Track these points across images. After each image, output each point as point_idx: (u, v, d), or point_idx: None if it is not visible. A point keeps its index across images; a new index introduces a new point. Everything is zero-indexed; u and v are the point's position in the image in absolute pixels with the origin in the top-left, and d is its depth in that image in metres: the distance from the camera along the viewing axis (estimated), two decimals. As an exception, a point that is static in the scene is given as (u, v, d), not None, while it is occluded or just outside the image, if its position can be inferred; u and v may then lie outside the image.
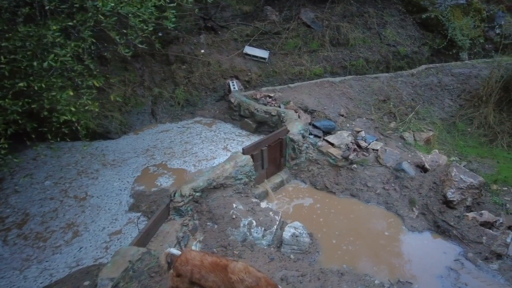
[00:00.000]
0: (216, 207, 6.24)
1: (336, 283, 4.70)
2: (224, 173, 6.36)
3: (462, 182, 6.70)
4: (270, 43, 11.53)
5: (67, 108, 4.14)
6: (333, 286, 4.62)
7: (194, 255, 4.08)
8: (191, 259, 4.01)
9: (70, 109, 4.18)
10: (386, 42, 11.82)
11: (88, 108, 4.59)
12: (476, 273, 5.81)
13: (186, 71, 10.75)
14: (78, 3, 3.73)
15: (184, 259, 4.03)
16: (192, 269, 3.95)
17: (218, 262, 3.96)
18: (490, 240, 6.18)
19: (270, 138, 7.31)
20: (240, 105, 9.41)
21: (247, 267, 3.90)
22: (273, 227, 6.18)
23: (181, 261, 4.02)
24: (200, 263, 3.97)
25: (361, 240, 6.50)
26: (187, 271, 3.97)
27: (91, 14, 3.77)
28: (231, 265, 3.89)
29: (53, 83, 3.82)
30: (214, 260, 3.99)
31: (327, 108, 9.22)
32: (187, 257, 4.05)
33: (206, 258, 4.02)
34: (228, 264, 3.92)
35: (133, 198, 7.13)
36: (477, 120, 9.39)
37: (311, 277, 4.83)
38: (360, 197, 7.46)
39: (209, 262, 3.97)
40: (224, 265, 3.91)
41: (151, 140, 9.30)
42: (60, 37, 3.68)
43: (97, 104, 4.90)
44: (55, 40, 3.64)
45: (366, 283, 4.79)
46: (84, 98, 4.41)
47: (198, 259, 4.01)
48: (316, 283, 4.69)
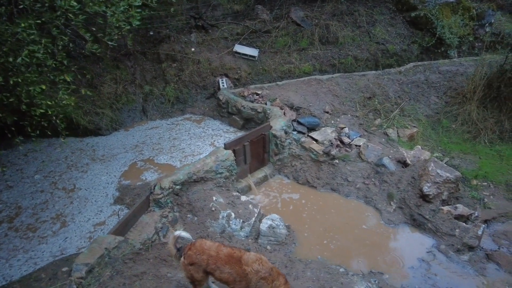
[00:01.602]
0: (196, 199, 6.43)
1: (301, 270, 4.89)
2: (204, 167, 6.55)
3: (439, 176, 6.84)
4: (260, 42, 11.71)
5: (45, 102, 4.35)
6: (298, 273, 4.80)
7: (209, 245, 4.09)
8: (207, 249, 4.02)
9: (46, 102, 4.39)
10: (375, 40, 11.96)
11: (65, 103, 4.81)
12: (447, 264, 5.96)
13: (176, 69, 10.96)
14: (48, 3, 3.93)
15: (200, 248, 4.03)
16: (208, 259, 3.96)
17: (233, 254, 3.98)
18: (463, 232, 6.32)
19: (252, 133, 7.49)
20: (228, 102, 9.61)
21: (260, 257, 3.96)
22: (252, 219, 6.37)
23: (196, 250, 4.02)
24: (216, 254, 3.98)
25: (339, 233, 6.67)
26: (202, 261, 3.97)
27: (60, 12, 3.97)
28: (244, 257, 3.93)
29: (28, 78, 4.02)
30: (229, 252, 4.00)
31: (313, 105, 9.38)
32: (204, 246, 4.05)
33: (221, 250, 4.03)
34: (242, 255, 3.96)
35: (119, 192, 7.35)
36: (461, 116, 9.51)
37: (279, 265, 5.01)
38: (340, 191, 7.63)
39: (225, 253, 3.98)
40: (238, 257, 3.94)
41: (140, 136, 9.53)
42: (34, 35, 3.89)
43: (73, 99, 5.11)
44: (29, 37, 3.85)
45: (330, 270, 4.96)
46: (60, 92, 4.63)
47: (214, 249, 4.02)
48: (283, 270, 4.88)
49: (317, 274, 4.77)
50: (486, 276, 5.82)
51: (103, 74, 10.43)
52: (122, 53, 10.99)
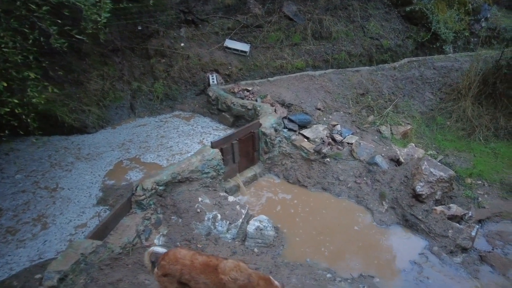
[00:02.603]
0: (181, 201, 6.21)
1: (286, 276, 4.69)
2: (189, 167, 6.31)
3: (432, 175, 6.65)
4: (252, 37, 11.42)
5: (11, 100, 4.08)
6: (283, 279, 4.60)
7: (184, 254, 3.84)
8: (181, 258, 3.77)
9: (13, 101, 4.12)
10: (369, 35, 11.71)
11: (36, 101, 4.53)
12: (439, 266, 5.78)
13: (165, 65, 10.68)
14: (8, -7, 3.67)
15: (173, 258, 3.78)
16: (181, 269, 3.72)
17: (209, 262, 3.74)
18: (456, 233, 6.15)
19: (240, 131, 7.25)
20: (218, 99, 9.36)
21: (238, 264, 3.73)
22: (239, 220, 6.15)
23: (169, 260, 3.77)
24: (191, 263, 3.74)
25: (329, 234, 6.48)
26: (176, 271, 3.73)
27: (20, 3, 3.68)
28: (221, 265, 3.70)
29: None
30: (204, 260, 3.77)
31: (304, 102, 9.15)
32: (177, 255, 3.80)
33: (196, 258, 3.78)
34: (219, 264, 3.73)
35: (102, 192, 7.10)
36: (456, 113, 9.33)
37: (263, 270, 4.81)
38: (331, 190, 7.43)
39: (200, 262, 3.75)
40: (214, 265, 3.71)
41: (127, 134, 9.26)
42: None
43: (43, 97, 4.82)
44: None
45: (316, 276, 4.76)
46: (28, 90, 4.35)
47: (189, 258, 3.78)
48: (268, 276, 4.67)
49: (302, 281, 4.57)
50: (479, 279, 5.65)
51: (89, 71, 10.12)
52: (109, 49, 10.69)
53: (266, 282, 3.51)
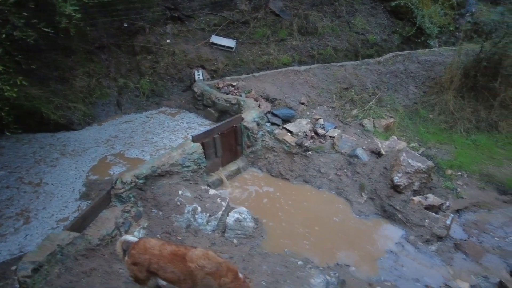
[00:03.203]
0: (161, 194, 6.28)
1: (257, 264, 4.78)
2: (170, 161, 6.39)
3: (410, 166, 6.75)
4: (238, 33, 11.48)
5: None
6: (254, 267, 4.69)
7: (153, 244, 3.92)
8: (150, 248, 3.85)
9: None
10: (355, 30, 11.80)
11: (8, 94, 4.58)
12: (415, 255, 5.89)
13: (151, 61, 10.73)
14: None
15: (142, 247, 3.86)
16: (150, 258, 3.80)
17: (177, 252, 3.81)
18: (432, 222, 6.26)
19: (222, 126, 7.33)
20: (203, 94, 9.43)
21: (206, 253, 3.80)
22: (219, 212, 6.24)
23: (138, 249, 3.85)
24: (159, 252, 3.81)
25: (309, 226, 6.57)
26: (144, 260, 3.81)
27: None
28: (189, 254, 3.76)
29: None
30: (173, 250, 3.83)
31: (288, 96, 9.23)
32: (146, 245, 3.88)
33: (165, 248, 3.85)
34: (187, 252, 3.79)
35: (86, 187, 7.17)
36: (438, 106, 9.43)
37: (237, 259, 4.90)
38: (312, 183, 7.52)
39: (168, 252, 3.81)
40: (182, 254, 3.78)
41: (113, 130, 9.32)
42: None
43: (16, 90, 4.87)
44: None
45: (287, 264, 4.86)
46: (-1, 83, 4.41)
47: (157, 248, 3.85)
48: (240, 264, 4.76)
49: (273, 268, 4.66)
50: (452, 265, 5.76)
51: (75, 68, 10.15)
52: (95, 46, 10.72)
53: (234, 275, 3.60)
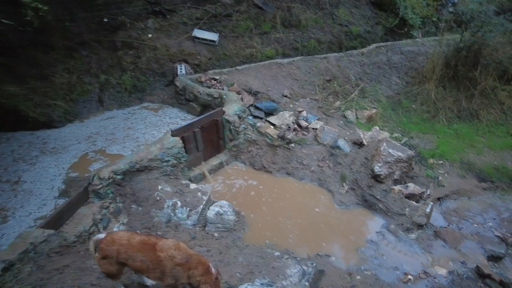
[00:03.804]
0: (140, 189, 6.22)
1: (233, 256, 4.76)
2: (148, 156, 6.32)
3: (390, 156, 6.78)
4: (221, 26, 11.39)
5: None
6: (230, 259, 4.67)
7: (121, 235, 3.88)
8: (118, 239, 3.80)
9: None
10: (338, 22, 11.80)
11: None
12: (395, 243, 5.94)
13: (133, 57, 10.58)
14: None
15: (110, 240, 3.81)
16: (118, 249, 3.74)
17: (147, 241, 3.77)
18: (412, 211, 6.31)
19: (203, 119, 7.27)
20: (185, 88, 9.34)
21: (178, 244, 3.76)
22: (199, 207, 6.20)
23: (106, 242, 3.80)
24: (127, 242, 3.76)
25: (291, 217, 6.57)
26: (113, 252, 3.75)
27: None
28: (160, 243, 3.73)
29: None
30: (142, 239, 3.80)
31: (271, 89, 9.19)
32: (114, 237, 3.84)
33: (134, 237, 3.81)
34: (157, 242, 3.76)
35: (65, 184, 7.06)
36: (421, 96, 9.49)
37: (214, 252, 4.88)
38: (295, 175, 7.52)
39: (137, 241, 3.77)
40: (153, 243, 3.73)
41: (95, 127, 9.18)
42: None
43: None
44: None
45: (264, 255, 4.85)
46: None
47: (126, 238, 3.81)
48: (217, 257, 4.74)
49: (249, 259, 4.65)
50: (432, 253, 5.83)
51: (55, 64, 9.96)
52: (76, 42, 10.53)
53: (205, 268, 3.55)
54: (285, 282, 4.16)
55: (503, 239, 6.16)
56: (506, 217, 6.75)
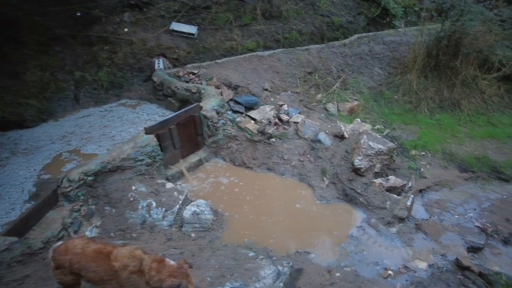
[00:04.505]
0: (113, 190, 5.99)
1: (206, 258, 4.61)
2: (121, 155, 6.08)
3: (371, 148, 6.67)
4: (200, 18, 11.08)
5: None
6: (202, 262, 4.52)
7: (76, 243, 3.69)
8: (72, 248, 3.62)
9: None
10: (320, 13, 11.60)
11: None
12: (376, 238, 5.85)
13: (109, 52, 10.22)
14: None
15: (63, 249, 3.63)
16: (71, 258, 3.56)
17: (102, 250, 3.57)
18: (393, 204, 6.23)
19: (178, 116, 7.04)
20: (163, 84, 9.07)
21: (133, 251, 3.56)
22: (175, 207, 6.02)
23: (60, 251, 3.62)
24: (81, 251, 3.58)
25: (271, 214, 6.43)
26: (65, 261, 3.57)
27: None
28: (114, 252, 3.53)
29: None
30: (97, 248, 3.60)
31: (252, 83, 8.98)
32: (68, 246, 3.66)
33: (89, 246, 3.62)
34: (113, 251, 3.55)
35: (36, 187, 6.76)
36: (403, 87, 9.40)
37: (187, 254, 4.71)
38: (276, 170, 7.37)
39: (92, 250, 3.57)
40: (107, 252, 3.54)
41: (70, 126, 8.86)
42: None
43: None
44: None
45: (237, 256, 4.70)
46: None
47: (80, 247, 3.61)
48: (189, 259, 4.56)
49: (221, 262, 4.50)
50: (412, 246, 5.76)
51: (27, 61, 9.56)
52: (49, 37, 10.12)
53: (159, 263, 3.34)
54: (258, 285, 4.02)
55: (483, 229, 6.13)
56: (486, 207, 6.72)
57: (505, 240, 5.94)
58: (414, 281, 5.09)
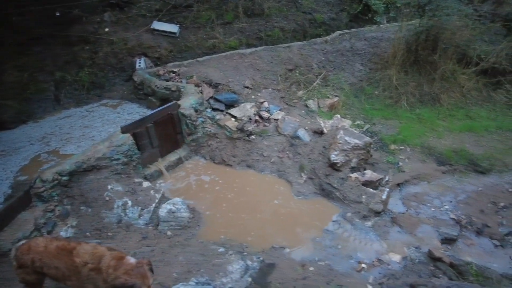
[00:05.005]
0: (89, 190, 5.98)
1: (174, 255, 4.61)
2: (96, 155, 6.06)
3: (347, 143, 6.71)
4: (182, 17, 11.08)
5: None
6: (171, 259, 4.52)
7: (39, 241, 3.69)
8: (34, 246, 3.61)
9: None
10: (302, 10, 11.65)
11: None
12: (351, 232, 5.89)
13: (89, 52, 10.17)
14: None
15: (26, 248, 3.63)
16: (33, 257, 3.56)
17: (65, 246, 3.56)
18: (369, 198, 6.27)
19: (156, 114, 7.02)
20: (144, 83, 9.04)
21: (95, 247, 3.56)
22: (151, 205, 6.02)
23: (22, 250, 3.61)
24: (44, 249, 3.57)
25: (249, 211, 6.43)
26: (28, 260, 3.56)
27: None
28: (77, 248, 3.52)
29: None
30: (61, 244, 3.58)
31: (233, 80, 8.98)
32: (30, 244, 3.66)
33: (52, 243, 3.61)
34: (76, 247, 3.54)
35: (12, 189, 6.72)
36: (383, 82, 9.45)
37: (156, 252, 4.72)
38: (255, 167, 7.38)
39: (55, 247, 3.56)
40: (70, 249, 3.52)
41: (50, 127, 8.81)
42: None
43: None
44: None
45: (206, 252, 4.72)
46: None
47: (43, 245, 3.61)
48: (159, 256, 4.58)
49: (189, 258, 4.51)
50: (387, 239, 5.80)
51: (5, 62, 9.48)
52: (28, 37, 10.04)
53: (118, 261, 3.32)
54: (225, 279, 4.04)
55: (457, 221, 6.20)
56: (462, 199, 6.79)
57: (478, 231, 6.02)
58: (387, 274, 5.13)
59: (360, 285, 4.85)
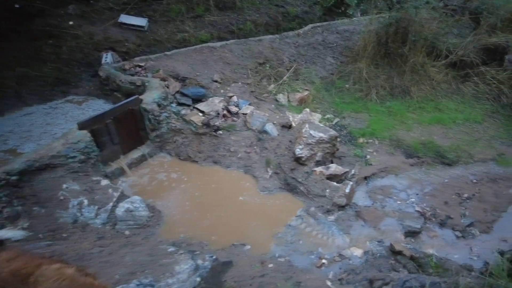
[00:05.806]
0: (42, 189, 5.71)
1: (120, 256, 4.44)
2: (50, 152, 5.80)
3: (311, 137, 6.61)
4: (151, 10, 10.77)
5: None
6: (117, 260, 4.35)
7: None
8: None
9: None
10: (274, 3, 11.47)
11: None
12: (313, 226, 5.81)
13: (53, 46, 9.78)
14: None
15: None
16: None
17: (20, 270, 2.81)
18: (333, 192, 6.20)
19: (115, 109, 6.78)
20: (109, 78, 8.74)
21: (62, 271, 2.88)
22: (109, 204, 5.80)
23: None
24: None
25: (213, 208, 6.29)
26: None
27: None
28: (37, 273, 2.81)
29: None
30: (17, 267, 2.82)
31: (201, 74, 8.77)
32: None
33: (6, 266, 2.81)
34: (34, 271, 2.82)
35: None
36: (354, 75, 9.38)
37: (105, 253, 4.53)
38: (222, 163, 7.23)
39: (8, 272, 2.78)
40: (27, 274, 2.79)
41: (9, 125, 8.43)
42: None
43: None
44: None
45: (154, 252, 4.56)
46: None
47: None
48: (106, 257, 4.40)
49: (135, 258, 4.34)
50: (350, 234, 5.75)
51: (-38, 58, 9.04)
52: None
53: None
54: (171, 280, 3.89)
55: (422, 213, 6.19)
56: (428, 191, 6.79)
57: (442, 222, 6.02)
58: (347, 269, 5.07)
59: (319, 281, 4.75)
